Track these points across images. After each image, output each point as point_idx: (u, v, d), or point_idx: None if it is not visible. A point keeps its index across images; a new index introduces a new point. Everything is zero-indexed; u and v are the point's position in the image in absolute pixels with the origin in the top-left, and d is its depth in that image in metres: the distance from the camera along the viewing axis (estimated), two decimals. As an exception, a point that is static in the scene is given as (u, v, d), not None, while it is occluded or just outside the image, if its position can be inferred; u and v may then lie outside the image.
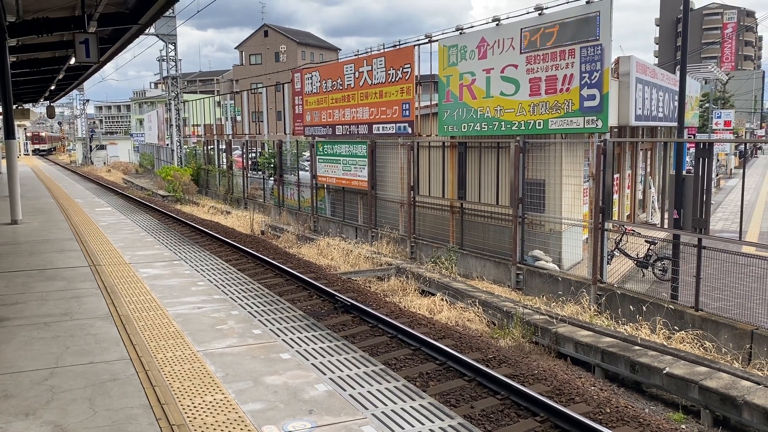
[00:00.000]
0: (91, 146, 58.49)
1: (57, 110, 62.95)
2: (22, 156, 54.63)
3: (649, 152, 18.58)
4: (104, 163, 55.08)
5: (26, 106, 38.90)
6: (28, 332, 5.76)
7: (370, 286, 11.55)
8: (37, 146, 77.18)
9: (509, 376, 6.50)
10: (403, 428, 4.33)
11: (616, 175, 14.14)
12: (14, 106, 26.24)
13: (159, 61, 32.78)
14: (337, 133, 17.27)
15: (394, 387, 5.04)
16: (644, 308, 9.25)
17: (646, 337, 8.40)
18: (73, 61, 14.95)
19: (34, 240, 10.95)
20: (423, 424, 4.37)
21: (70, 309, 6.52)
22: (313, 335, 6.41)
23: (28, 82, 25.26)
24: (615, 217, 13.40)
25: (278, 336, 6.09)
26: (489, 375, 6.40)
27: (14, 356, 5.16)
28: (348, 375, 5.28)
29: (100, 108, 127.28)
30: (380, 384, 5.10)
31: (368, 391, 4.93)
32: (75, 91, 54.22)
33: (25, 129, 62.75)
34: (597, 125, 10.37)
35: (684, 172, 10.59)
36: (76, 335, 5.66)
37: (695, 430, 6.52)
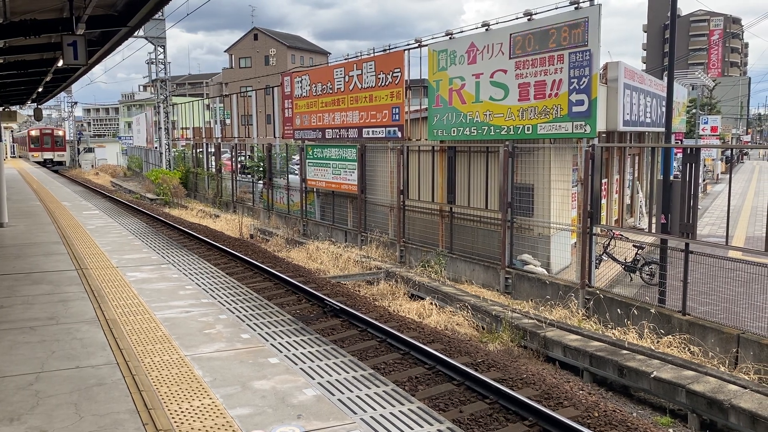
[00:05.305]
0: (78, 149, 57.98)
1: (44, 113, 62.17)
2: (8, 159, 54.00)
3: (636, 157, 18.73)
4: (92, 166, 54.63)
5: (13, 108, 38.57)
6: (14, 336, 5.70)
7: (359, 290, 11.53)
8: (49, 155, 48.43)
9: (498, 381, 6.50)
10: (391, 433, 4.33)
11: (604, 180, 14.20)
12: (1, 108, 26.02)
13: (148, 63, 32.60)
14: (326, 136, 17.26)
15: (383, 391, 5.04)
16: (632, 312, 9.30)
17: (634, 341, 8.44)
18: (60, 63, 14.81)
19: (20, 243, 10.85)
20: (412, 429, 4.36)
21: (57, 313, 6.46)
22: (301, 339, 6.39)
23: (15, 84, 25.01)
24: (603, 222, 13.46)
25: (267, 340, 6.07)
26: (478, 379, 6.41)
27: (-1, 361, 5.10)
28: (337, 379, 5.27)
29: (89, 110, 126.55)
30: (369, 388, 5.10)
31: (357, 396, 4.92)
32: (63, 94, 53.77)
33: (12, 132, 60.37)
34: (585, 130, 10.43)
35: (671, 177, 10.68)
36: (62, 339, 5.61)
37: (682, 434, 6.56)
